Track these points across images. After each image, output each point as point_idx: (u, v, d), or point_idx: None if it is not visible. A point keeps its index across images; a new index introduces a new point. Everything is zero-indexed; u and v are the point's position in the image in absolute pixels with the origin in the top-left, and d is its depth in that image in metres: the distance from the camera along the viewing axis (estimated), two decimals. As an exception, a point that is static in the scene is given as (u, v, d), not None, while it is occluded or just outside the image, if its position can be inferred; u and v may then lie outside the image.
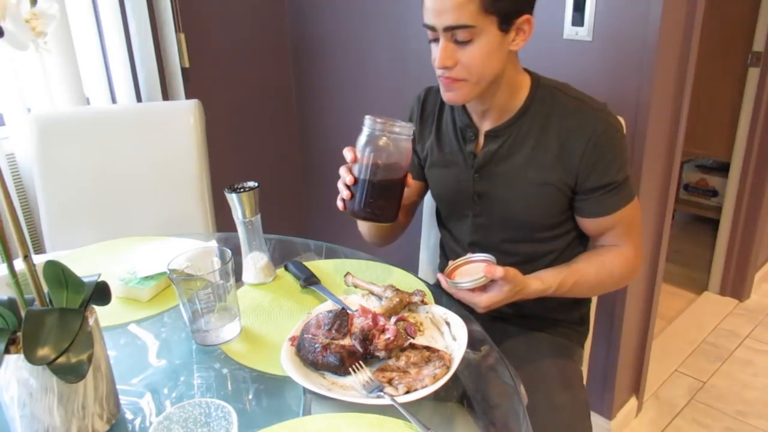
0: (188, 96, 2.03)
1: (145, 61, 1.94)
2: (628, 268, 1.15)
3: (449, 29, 0.99)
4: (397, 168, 0.99)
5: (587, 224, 1.15)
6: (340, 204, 1.03)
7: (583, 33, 1.51)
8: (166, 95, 2.02)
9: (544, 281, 1.05)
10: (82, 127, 1.60)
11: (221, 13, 2.17)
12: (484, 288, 0.97)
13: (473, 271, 0.99)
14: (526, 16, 1.02)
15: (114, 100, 1.92)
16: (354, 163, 1.00)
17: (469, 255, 1.02)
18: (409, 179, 1.02)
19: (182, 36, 2.01)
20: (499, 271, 0.94)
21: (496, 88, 1.08)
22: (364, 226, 1.26)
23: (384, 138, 0.97)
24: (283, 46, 2.41)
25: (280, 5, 2.35)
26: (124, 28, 1.88)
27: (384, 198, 1.01)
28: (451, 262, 1.03)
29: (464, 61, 1.01)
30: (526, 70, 1.13)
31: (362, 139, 0.99)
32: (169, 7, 1.93)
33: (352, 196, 1.00)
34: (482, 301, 0.97)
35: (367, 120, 0.98)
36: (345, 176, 1.00)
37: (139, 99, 1.96)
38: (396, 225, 1.26)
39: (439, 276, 1.00)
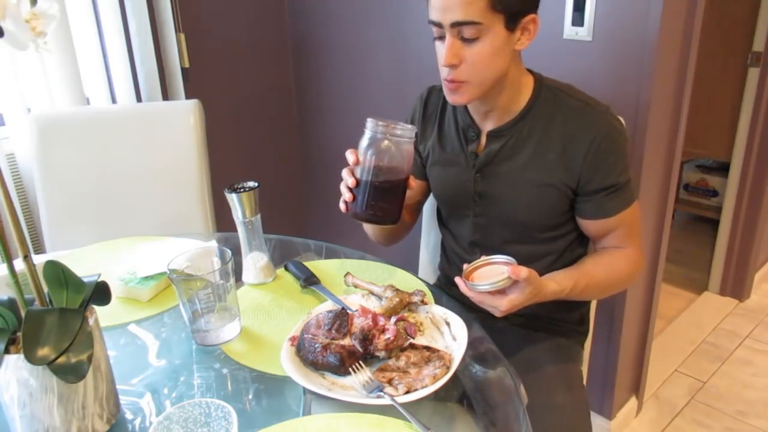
0: (188, 96, 2.03)
1: (145, 61, 1.94)
2: (634, 270, 1.15)
3: (456, 25, 0.99)
4: (399, 170, 0.99)
5: (589, 226, 1.15)
6: (342, 206, 1.02)
7: (583, 33, 1.51)
8: (166, 95, 2.02)
9: (559, 283, 1.03)
10: (82, 127, 1.60)
11: (221, 13, 2.17)
12: (502, 290, 0.94)
13: (492, 273, 0.95)
14: (531, 16, 1.02)
15: (114, 100, 1.92)
16: (356, 165, 1.00)
17: (486, 257, 0.99)
18: (412, 181, 1.02)
19: (182, 36, 2.01)
20: (524, 271, 0.91)
21: (501, 88, 1.08)
22: (369, 227, 1.26)
23: (386, 141, 0.97)
24: (284, 46, 2.41)
25: (280, 5, 2.35)
26: (124, 28, 1.88)
27: (386, 200, 1.00)
28: (466, 265, 0.99)
29: (469, 59, 1.01)
30: (529, 71, 1.13)
31: (364, 142, 0.98)
32: (169, 7, 1.93)
33: (355, 198, 1.00)
34: (503, 304, 0.93)
35: (369, 122, 0.98)
36: (347, 179, 1.00)
37: (139, 99, 1.96)
38: (401, 225, 1.26)
39: (458, 280, 0.96)
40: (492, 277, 0.94)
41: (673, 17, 1.43)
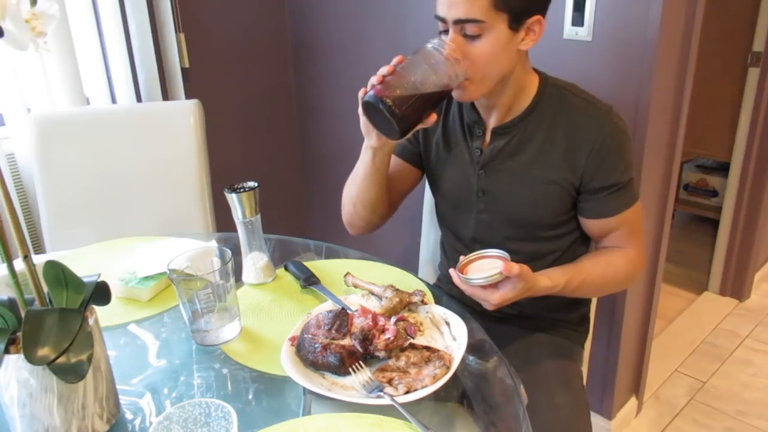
0: (188, 96, 2.02)
1: (145, 61, 1.94)
2: (633, 270, 1.15)
3: (459, 22, 0.99)
4: (440, 85, 0.98)
5: (591, 225, 1.15)
6: (361, 92, 1.00)
7: (583, 33, 1.51)
8: (166, 95, 2.02)
9: (552, 279, 1.04)
10: (82, 127, 1.60)
11: (221, 13, 2.17)
12: (494, 284, 0.96)
13: (485, 266, 0.97)
14: (537, 17, 1.02)
15: (114, 100, 1.92)
16: (399, 63, 0.99)
17: (481, 250, 1.01)
18: (434, 116, 1.01)
19: (182, 36, 2.01)
20: (515, 268, 0.93)
21: (504, 86, 1.08)
22: (351, 199, 1.22)
23: (441, 57, 0.98)
24: (283, 46, 2.41)
25: (280, 5, 2.35)
26: (124, 28, 1.88)
27: (409, 102, 0.97)
28: (462, 258, 1.01)
29: (471, 56, 1.01)
30: (535, 70, 1.13)
31: (424, 50, 0.99)
32: (169, 7, 1.93)
33: (383, 82, 0.97)
34: (494, 298, 0.96)
35: (437, 40, 1.00)
36: (386, 67, 0.98)
37: (139, 99, 1.96)
38: (377, 212, 1.22)
39: (452, 271, 0.98)
40: (486, 270, 0.95)
41: (673, 17, 1.43)
